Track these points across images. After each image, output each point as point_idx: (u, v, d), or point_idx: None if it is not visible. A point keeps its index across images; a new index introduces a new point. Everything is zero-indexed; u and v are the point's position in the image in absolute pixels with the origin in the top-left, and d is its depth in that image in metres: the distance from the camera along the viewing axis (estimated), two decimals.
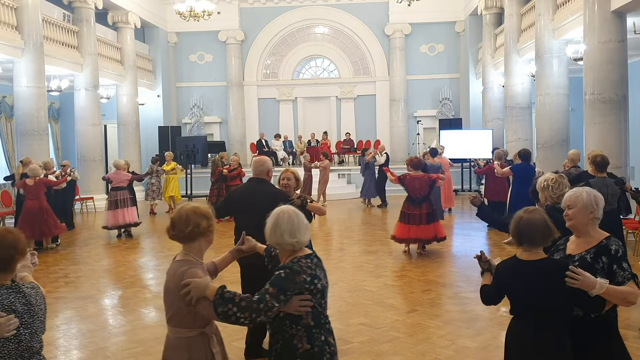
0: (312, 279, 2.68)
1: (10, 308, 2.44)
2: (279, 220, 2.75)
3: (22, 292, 2.53)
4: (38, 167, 10.25)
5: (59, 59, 15.23)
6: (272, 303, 2.55)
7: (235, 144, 22.37)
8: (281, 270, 2.66)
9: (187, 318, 2.71)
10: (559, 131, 13.40)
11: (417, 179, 8.82)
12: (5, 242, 2.53)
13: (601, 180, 6.42)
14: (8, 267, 2.54)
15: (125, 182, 11.47)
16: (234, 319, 2.53)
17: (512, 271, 3.03)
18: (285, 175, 5.18)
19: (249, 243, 3.16)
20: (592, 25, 10.51)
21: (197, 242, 2.79)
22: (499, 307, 6.34)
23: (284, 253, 2.79)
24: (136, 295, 7.36)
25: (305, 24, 22.70)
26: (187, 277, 2.66)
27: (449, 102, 21.93)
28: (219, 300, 2.54)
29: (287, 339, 2.70)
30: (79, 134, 16.68)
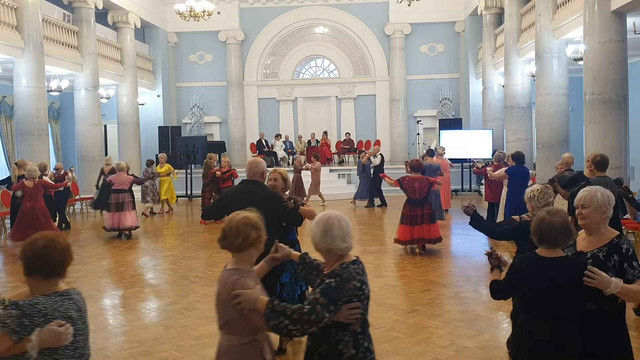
0: (361, 285, 2.65)
1: (66, 315, 2.41)
2: (330, 225, 2.69)
3: (73, 299, 2.50)
4: (36, 168, 10.22)
5: (59, 59, 15.24)
6: (323, 314, 2.52)
7: (235, 144, 22.39)
8: (331, 279, 2.61)
9: (239, 325, 2.73)
10: (559, 131, 13.40)
11: (417, 180, 8.96)
12: (59, 245, 2.47)
13: (602, 179, 6.48)
14: (62, 272, 2.49)
15: (127, 184, 11.41)
16: (285, 331, 2.53)
17: (532, 267, 3.08)
18: (273, 176, 5.02)
19: (283, 251, 3.12)
20: (592, 25, 10.51)
21: (247, 252, 2.80)
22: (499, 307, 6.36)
23: (331, 259, 2.73)
24: (136, 295, 7.36)
25: (305, 24, 22.71)
26: (238, 287, 2.67)
27: (449, 102, 21.94)
28: (271, 314, 2.54)
29: (333, 344, 2.67)
30: (79, 134, 16.68)
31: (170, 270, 8.62)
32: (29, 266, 2.43)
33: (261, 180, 4.84)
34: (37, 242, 2.43)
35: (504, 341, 5.28)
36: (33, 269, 2.42)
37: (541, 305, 3.03)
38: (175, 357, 5.09)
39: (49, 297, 2.41)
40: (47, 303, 2.38)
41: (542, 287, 3.01)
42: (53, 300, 2.40)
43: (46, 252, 2.42)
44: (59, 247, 2.46)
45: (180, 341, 5.48)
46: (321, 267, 2.92)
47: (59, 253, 2.45)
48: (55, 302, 2.40)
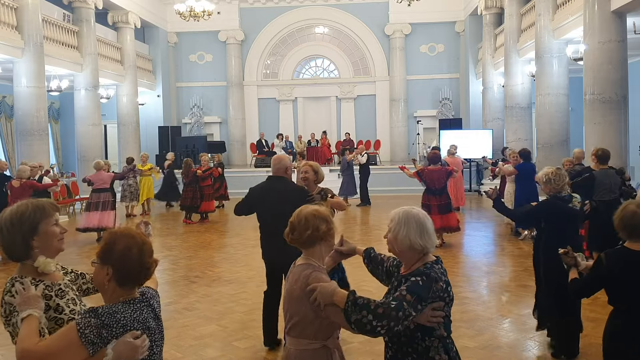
0: (446, 286, 2.48)
1: (145, 325, 2.14)
2: (424, 222, 2.54)
3: (152, 305, 2.24)
4: (27, 168, 10.07)
5: (59, 59, 15.24)
6: (410, 311, 2.32)
7: (235, 144, 22.39)
8: (417, 277, 2.42)
9: (310, 328, 2.53)
10: (559, 131, 13.41)
11: (436, 171, 9.43)
12: (148, 247, 2.21)
13: (604, 171, 6.94)
14: (147, 279, 2.22)
15: (107, 182, 11.05)
16: (369, 327, 2.29)
17: (624, 262, 3.04)
18: (304, 169, 5.12)
19: (348, 245, 2.93)
20: (592, 25, 10.52)
21: (317, 246, 2.61)
22: (499, 307, 6.36)
23: (412, 258, 2.54)
24: None
25: (305, 24, 22.71)
26: (313, 281, 2.47)
27: (449, 102, 21.94)
28: (352, 307, 2.31)
29: (422, 352, 2.48)
30: (79, 134, 16.68)
31: (170, 270, 8.62)
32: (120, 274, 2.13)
33: (285, 176, 4.89)
34: (132, 250, 2.14)
35: (504, 341, 5.29)
36: (127, 278, 2.15)
37: (637, 300, 3.00)
38: (175, 357, 5.09)
39: (128, 304, 2.14)
40: (126, 312, 2.11)
41: (638, 280, 2.98)
42: (132, 308, 2.14)
43: (147, 260, 2.18)
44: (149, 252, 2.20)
45: (180, 341, 5.47)
46: (386, 262, 2.79)
47: (154, 262, 2.21)
48: (134, 311, 2.13)
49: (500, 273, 8.02)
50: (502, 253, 9.34)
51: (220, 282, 7.67)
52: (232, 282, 7.57)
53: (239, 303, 6.61)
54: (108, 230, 2.31)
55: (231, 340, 5.38)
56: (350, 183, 15.68)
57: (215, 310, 6.38)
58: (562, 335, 4.73)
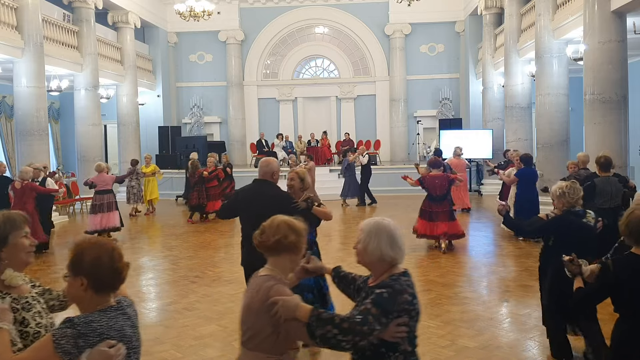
0: (412, 299, 2.43)
1: (121, 333, 2.14)
2: (394, 232, 2.50)
3: (127, 314, 2.23)
4: (29, 170, 10.09)
5: (59, 59, 15.24)
6: (375, 326, 2.29)
7: (235, 144, 22.40)
8: (383, 290, 2.38)
9: (267, 342, 2.48)
10: (559, 131, 13.40)
11: (437, 177, 9.18)
12: (117, 253, 2.20)
13: (605, 179, 6.74)
14: (121, 282, 2.22)
15: (109, 184, 11.25)
16: (334, 342, 2.27)
17: (633, 268, 2.98)
18: (290, 176, 5.01)
19: (315, 263, 2.83)
20: (592, 25, 10.51)
21: (282, 255, 2.56)
22: (499, 307, 6.36)
23: (380, 269, 2.50)
24: (136, 296, 7.35)
25: (305, 24, 22.71)
26: (274, 294, 2.42)
27: (449, 102, 21.94)
28: (317, 322, 2.29)
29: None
30: (79, 134, 16.67)
31: (170, 270, 8.62)
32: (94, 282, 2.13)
33: (272, 180, 4.76)
34: (102, 257, 2.15)
35: (504, 341, 5.29)
36: (101, 285, 2.15)
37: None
38: (175, 357, 5.09)
39: (104, 313, 2.14)
40: (102, 321, 2.11)
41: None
42: (108, 317, 2.14)
43: (118, 265, 2.18)
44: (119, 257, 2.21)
45: (180, 341, 5.47)
46: (357, 280, 2.72)
47: (118, 262, 2.20)
48: (110, 319, 2.13)
49: (501, 273, 8.02)
50: (502, 253, 9.34)
51: (220, 282, 7.67)
52: (232, 282, 7.57)
53: (239, 303, 6.57)
54: (74, 241, 2.30)
55: (231, 340, 5.38)
56: (352, 184, 15.64)
57: (215, 310, 6.38)
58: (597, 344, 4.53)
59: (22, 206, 9.75)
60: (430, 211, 9.16)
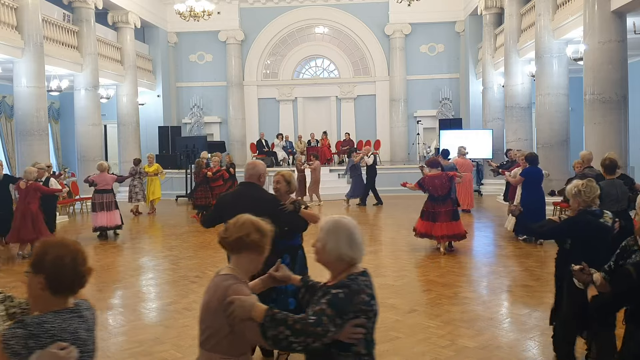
0: (370, 299, 2.40)
1: (74, 336, 2.12)
2: (353, 231, 2.46)
3: (83, 316, 2.21)
4: (34, 170, 10.15)
5: (59, 59, 15.24)
6: (329, 327, 2.25)
7: (235, 144, 22.39)
8: (339, 290, 2.33)
9: (224, 343, 2.46)
10: (559, 131, 13.40)
11: (437, 177, 8.99)
12: (82, 256, 2.18)
13: (610, 182, 6.57)
14: (81, 287, 2.19)
15: (110, 184, 11.39)
16: (285, 343, 2.25)
17: None
18: (276, 179, 4.83)
19: (284, 271, 2.77)
20: (592, 25, 10.51)
21: (243, 255, 2.52)
22: (499, 307, 6.36)
23: (338, 268, 2.46)
24: (136, 295, 7.36)
25: (305, 24, 22.71)
26: (232, 293, 2.40)
27: (449, 102, 21.94)
28: (270, 323, 2.26)
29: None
30: (79, 134, 16.68)
31: (170, 270, 8.62)
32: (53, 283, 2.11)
33: (258, 183, 4.67)
34: (64, 258, 2.13)
35: (504, 341, 5.29)
36: (60, 287, 2.13)
37: None
38: (175, 357, 5.09)
39: (59, 314, 2.12)
40: (55, 322, 2.09)
41: None
42: (62, 318, 2.12)
43: (80, 269, 2.16)
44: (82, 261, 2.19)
45: (180, 341, 5.47)
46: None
47: (81, 266, 2.17)
48: (64, 321, 2.12)
49: (501, 273, 8.02)
50: (503, 253, 9.34)
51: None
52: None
53: None
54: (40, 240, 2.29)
55: None
56: (359, 185, 15.59)
57: None
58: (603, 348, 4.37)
59: (26, 206, 9.78)
60: (432, 212, 8.97)
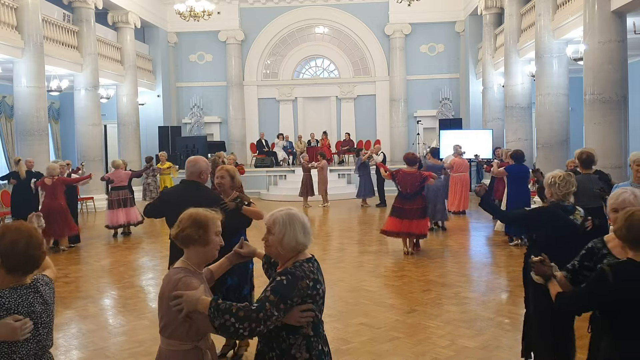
0: (315, 284, 2.53)
1: (29, 309, 2.37)
2: (303, 220, 2.59)
3: (40, 291, 2.45)
4: (57, 166, 10.26)
5: (59, 59, 15.23)
6: (272, 312, 2.39)
7: (235, 144, 22.39)
8: (282, 277, 2.48)
9: (180, 329, 2.60)
10: (559, 131, 13.40)
11: (410, 174, 8.91)
12: (35, 241, 2.41)
13: (586, 177, 6.37)
14: (35, 268, 2.45)
15: (125, 180, 11.55)
16: (232, 330, 2.38)
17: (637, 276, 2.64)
18: (220, 174, 4.70)
19: (248, 248, 2.97)
20: (592, 25, 10.51)
21: (190, 249, 2.69)
22: (499, 307, 6.36)
23: (286, 256, 2.60)
24: (136, 295, 7.36)
25: (305, 24, 22.72)
26: (181, 286, 2.54)
27: (449, 102, 21.95)
28: (215, 313, 2.40)
29: (285, 349, 2.55)
30: (79, 134, 16.67)
31: None
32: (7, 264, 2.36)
33: (199, 180, 4.61)
34: (18, 242, 2.36)
35: (504, 341, 5.28)
36: (13, 267, 2.37)
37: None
38: None
39: (14, 290, 2.38)
40: (11, 297, 2.35)
41: None
42: (18, 294, 2.37)
43: (33, 252, 2.39)
44: (36, 244, 2.41)
45: None
46: None
47: (34, 250, 2.40)
48: (19, 296, 2.37)
49: (500, 273, 8.02)
50: (502, 253, 9.34)
51: None
52: None
53: None
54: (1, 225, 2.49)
55: None
56: (368, 184, 15.57)
57: None
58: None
59: (54, 201, 9.84)
60: (400, 208, 8.90)
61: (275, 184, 19.03)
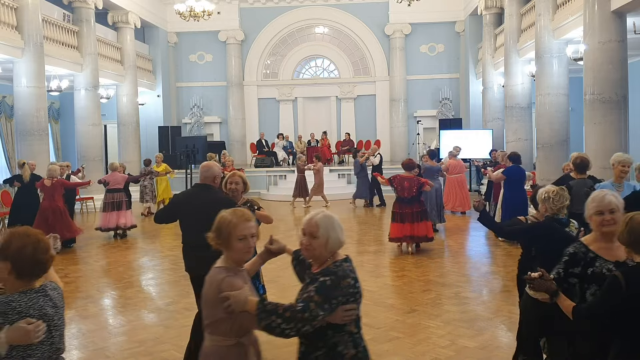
0: (355, 282, 2.61)
1: (41, 312, 2.40)
2: (334, 223, 2.65)
3: (49, 295, 2.49)
4: (57, 168, 10.24)
5: (59, 59, 15.24)
6: (317, 312, 2.45)
7: (235, 144, 22.39)
8: (325, 277, 2.54)
9: (223, 326, 2.68)
10: (559, 131, 13.40)
11: (407, 179, 9.01)
12: (43, 245, 2.45)
13: (582, 182, 6.36)
14: (43, 272, 2.49)
15: (121, 183, 11.46)
16: (278, 330, 2.45)
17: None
18: (233, 180, 4.96)
19: (278, 244, 3.04)
20: (592, 25, 10.51)
21: (228, 249, 2.74)
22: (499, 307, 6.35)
23: (325, 257, 2.65)
24: (136, 295, 7.36)
25: (305, 24, 22.71)
26: (225, 286, 2.62)
27: (449, 102, 21.95)
28: (262, 314, 2.47)
29: (331, 346, 2.60)
30: (79, 134, 16.68)
31: (170, 270, 8.62)
32: (16, 268, 2.39)
33: (213, 185, 4.77)
34: (26, 247, 2.39)
35: (504, 341, 5.28)
36: (22, 272, 2.40)
37: None
38: (175, 357, 5.09)
39: (25, 294, 2.40)
40: (22, 301, 2.37)
41: None
42: (28, 297, 2.40)
43: (41, 257, 2.42)
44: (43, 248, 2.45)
45: (180, 341, 5.46)
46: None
47: (41, 254, 2.44)
48: (30, 300, 2.40)
49: (500, 273, 8.02)
50: (502, 253, 9.34)
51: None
52: None
53: None
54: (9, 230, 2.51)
55: None
56: (365, 186, 15.58)
57: None
58: None
59: (53, 203, 9.83)
60: (400, 213, 9.02)
61: (275, 184, 19.04)
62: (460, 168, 13.26)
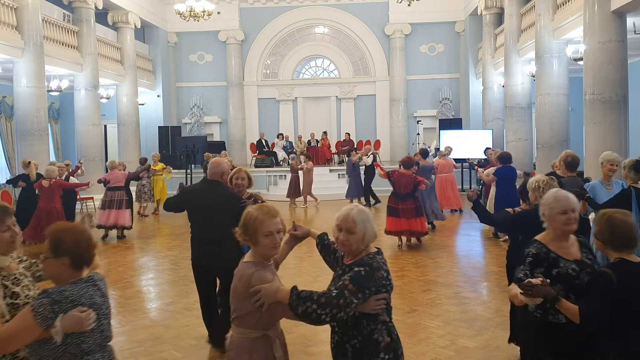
0: (387, 275, 2.70)
1: (91, 301, 2.49)
2: (368, 217, 2.74)
3: (97, 285, 2.60)
4: (55, 169, 10.19)
5: (59, 59, 15.24)
6: (351, 299, 2.53)
7: (235, 144, 22.40)
8: (360, 267, 2.64)
9: (250, 319, 2.74)
10: (559, 131, 13.40)
11: (405, 176, 9.31)
12: (89, 235, 2.59)
13: (572, 180, 6.31)
14: (92, 261, 2.61)
15: (122, 181, 11.26)
16: (314, 316, 2.51)
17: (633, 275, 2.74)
18: (239, 175, 5.23)
19: (302, 229, 3.14)
20: (592, 25, 10.51)
21: (255, 244, 2.79)
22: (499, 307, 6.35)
23: (361, 249, 2.75)
24: (136, 295, 7.36)
25: (305, 24, 22.72)
26: (255, 280, 2.67)
27: (449, 102, 21.95)
28: (297, 301, 2.53)
29: (367, 335, 2.69)
30: (79, 134, 16.68)
31: (170, 270, 8.62)
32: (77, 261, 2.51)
33: (221, 181, 4.99)
34: (79, 239, 2.52)
35: (504, 341, 5.28)
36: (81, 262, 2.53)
37: None
38: (175, 357, 5.09)
39: (75, 284, 2.50)
40: (74, 290, 2.46)
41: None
42: (79, 287, 2.50)
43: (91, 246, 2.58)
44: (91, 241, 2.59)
45: (180, 341, 5.47)
46: (338, 252, 2.95)
47: (91, 246, 2.59)
48: (81, 289, 2.49)
49: (500, 273, 8.01)
50: (502, 253, 9.31)
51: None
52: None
53: None
54: (50, 228, 2.57)
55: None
56: (357, 185, 15.63)
57: None
58: None
59: (49, 204, 9.79)
60: (395, 207, 9.36)
61: (275, 184, 19.03)
62: (449, 167, 13.25)
